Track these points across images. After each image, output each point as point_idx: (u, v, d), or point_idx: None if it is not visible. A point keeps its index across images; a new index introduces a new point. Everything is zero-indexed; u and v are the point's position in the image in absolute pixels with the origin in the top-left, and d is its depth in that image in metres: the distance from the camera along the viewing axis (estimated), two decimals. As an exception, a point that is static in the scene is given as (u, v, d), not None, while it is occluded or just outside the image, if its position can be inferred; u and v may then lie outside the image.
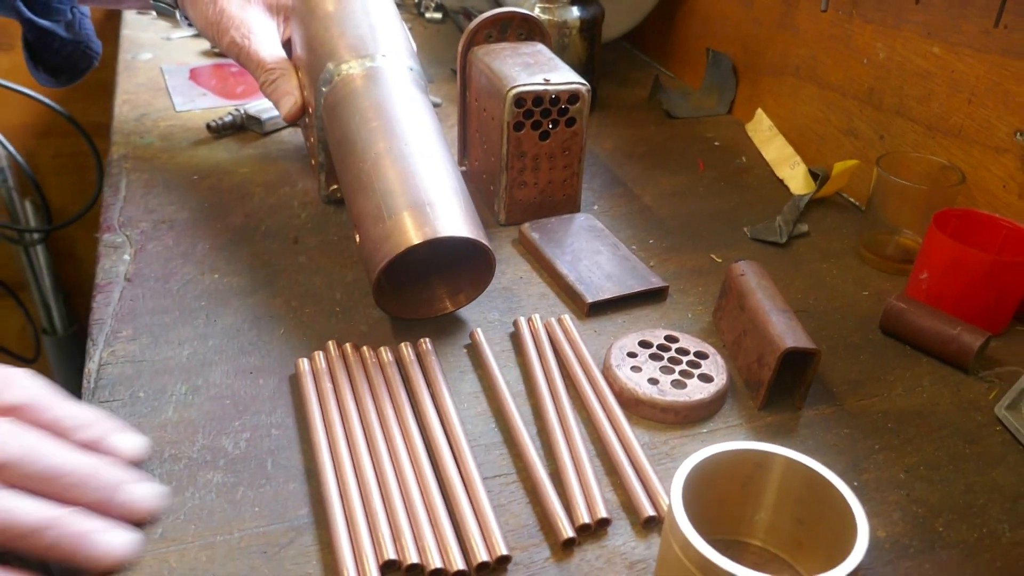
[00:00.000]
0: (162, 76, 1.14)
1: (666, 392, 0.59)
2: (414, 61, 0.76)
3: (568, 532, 0.49)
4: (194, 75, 1.14)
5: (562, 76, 0.77)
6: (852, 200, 0.89)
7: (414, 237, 0.61)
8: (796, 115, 0.97)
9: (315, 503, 0.52)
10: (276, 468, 0.55)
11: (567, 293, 0.72)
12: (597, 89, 1.10)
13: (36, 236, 1.62)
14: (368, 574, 0.46)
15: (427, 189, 0.63)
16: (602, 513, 0.50)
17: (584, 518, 0.50)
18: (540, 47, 0.83)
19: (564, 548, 0.49)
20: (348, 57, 0.73)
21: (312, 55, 0.76)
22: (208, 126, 0.97)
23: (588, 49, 1.04)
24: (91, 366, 0.63)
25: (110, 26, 1.60)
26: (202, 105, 1.05)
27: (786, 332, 0.59)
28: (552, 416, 0.57)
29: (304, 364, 0.61)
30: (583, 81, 0.77)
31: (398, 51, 0.75)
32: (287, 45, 0.87)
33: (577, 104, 0.77)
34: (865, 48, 0.85)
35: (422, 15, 1.41)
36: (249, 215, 0.82)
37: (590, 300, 0.69)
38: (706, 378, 0.61)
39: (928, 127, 0.79)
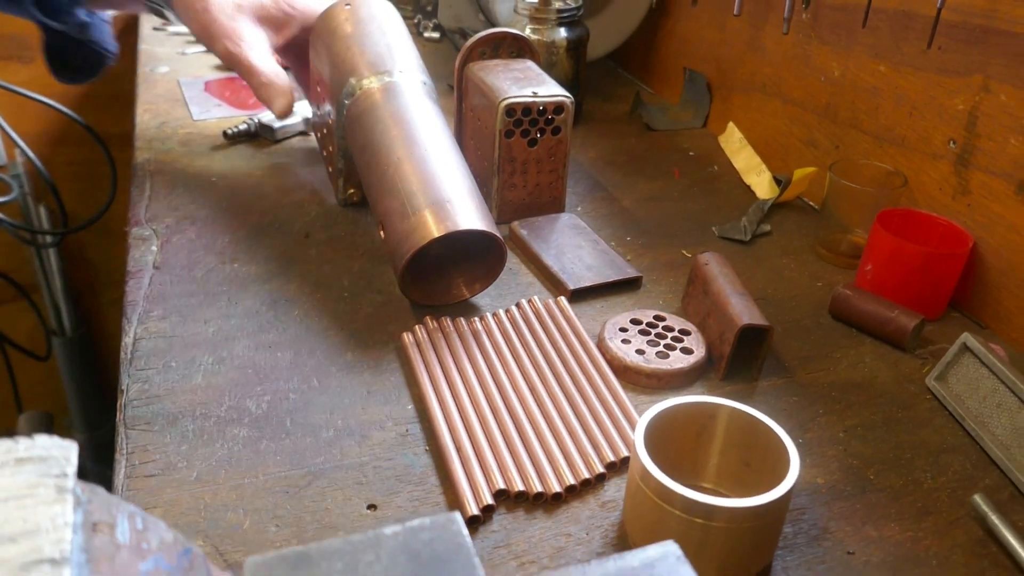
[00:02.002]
0: (179, 88, 1.23)
1: (651, 361, 0.67)
2: (426, 76, 0.85)
3: (599, 468, 0.58)
4: (209, 87, 1.23)
5: (549, 89, 0.86)
6: (811, 203, 0.98)
7: (435, 231, 0.69)
8: (763, 128, 1.06)
9: (329, 452, 0.60)
10: (294, 425, 0.62)
11: (552, 282, 0.80)
12: (582, 103, 1.19)
13: (49, 239, 1.70)
14: (484, 501, 0.55)
15: (445, 188, 0.72)
16: (622, 453, 0.59)
17: (610, 458, 0.59)
18: (529, 64, 0.92)
19: (580, 486, 0.57)
20: (368, 73, 0.81)
21: (334, 71, 0.84)
22: (224, 133, 1.06)
23: (574, 67, 1.13)
24: (127, 340, 0.71)
25: (127, 42, 1.69)
26: (217, 115, 1.14)
27: (743, 311, 0.68)
28: (564, 377, 0.65)
29: (408, 336, 0.70)
30: (568, 94, 0.86)
31: (412, 67, 0.83)
32: (283, 51, 0.95)
33: (562, 115, 0.86)
34: (822, 67, 0.94)
35: (421, 34, 1.50)
36: (264, 213, 0.90)
37: (572, 287, 0.78)
38: (687, 351, 0.69)
39: (876, 137, 0.88)
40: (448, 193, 0.72)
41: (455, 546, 0.35)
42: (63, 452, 0.31)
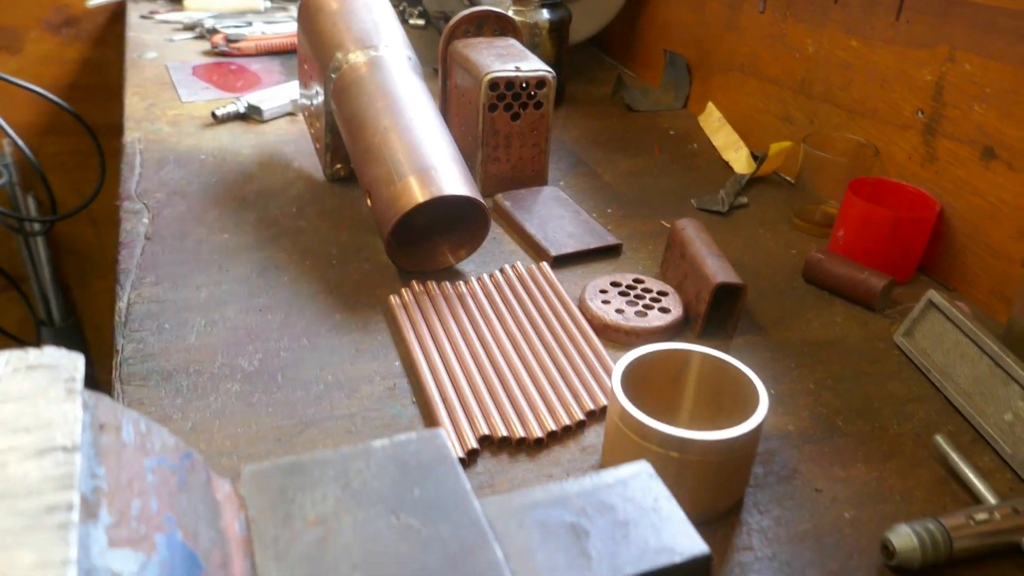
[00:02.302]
0: (167, 72, 1.24)
1: (630, 320, 0.70)
2: (411, 52, 0.87)
3: (579, 416, 0.60)
4: (197, 72, 1.25)
5: (531, 65, 0.88)
6: (787, 178, 1.01)
7: (420, 196, 0.72)
8: (741, 106, 1.09)
9: (319, 405, 0.62)
10: (285, 380, 0.65)
11: (534, 250, 0.83)
12: (565, 85, 1.22)
13: (37, 227, 1.71)
14: (468, 445, 0.57)
15: (430, 156, 0.74)
16: (601, 402, 0.61)
17: (589, 406, 0.61)
18: (512, 41, 0.94)
19: (564, 432, 0.59)
20: (354, 48, 0.84)
21: (321, 47, 0.86)
22: (213, 114, 1.08)
23: (556, 48, 1.15)
24: (121, 305, 0.72)
25: (114, 31, 1.71)
26: (206, 97, 1.15)
27: (718, 271, 0.70)
28: (545, 334, 0.68)
29: (395, 298, 0.72)
30: (549, 69, 0.88)
31: (397, 43, 0.86)
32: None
33: (544, 89, 0.89)
34: (797, 44, 0.97)
35: (406, 21, 1.52)
36: (253, 188, 0.92)
37: (554, 253, 0.80)
38: (664, 310, 0.72)
39: (849, 111, 0.91)
40: (433, 160, 0.74)
41: (439, 456, 0.37)
42: (71, 361, 0.33)
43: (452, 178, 0.73)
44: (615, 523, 0.39)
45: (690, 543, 0.38)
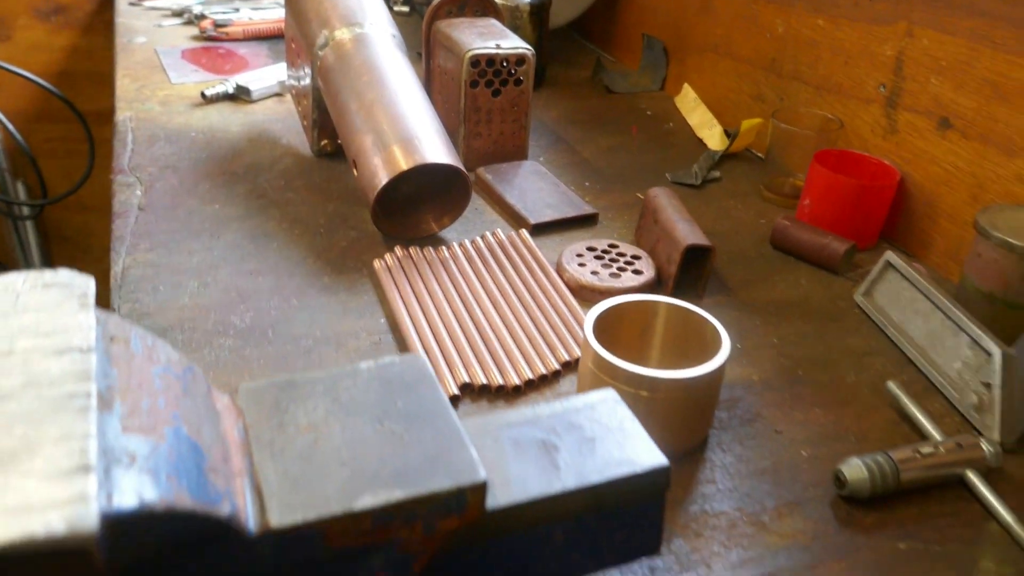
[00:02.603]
0: (157, 56, 1.27)
1: (604, 280, 0.73)
2: (395, 30, 0.90)
3: (555, 366, 0.64)
4: (186, 56, 1.27)
5: (511, 43, 0.92)
6: (758, 154, 1.05)
7: (404, 164, 0.75)
8: (715, 87, 1.13)
9: (308, 358, 0.65)
10: (276, 336, 0.68)
11: (514, 219, 0.86)
12: (545, 68, 1.25)
13: (27, 212, 1.73)
14: (450, 392, 0.61)
15: (413, 127, 0.77)
16: (575, 353, 0.65)
17: (565, 357, 0.64)
18: (493, 21, 0.98)
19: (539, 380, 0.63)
20: (340, 25, 0.87)
21: (307, 25, 0.89)
22: (203, 94, 1.10)
23: (537, 32, 1.19)
24: (116, 270, 0.75)
25: (103, 18, 1.73)
26: (195, 79, 1.18)
27: (689, 234, 0.74)
28: (523, 293, 0.71)
29: (380, 262, 0.75)
30: (529, 47, 0.91)
31: (382, 21, 0.89)
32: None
33: (523, 66, 0.92)
34: (768, 24, 1.01)
35: (391, 8, 1.55)
36: (243, 163, 0.95)
37: (533, 222, 0.84)
38: (637, 272, 0.75)
39: (816, 87, 0.95)
40: (416, 131, 0.77)
41: (420, 375, 0.41)
42: (83, 281, 0.36)
43: (435, 147, 0.77)
44: (582, 440, 0.43)
45: (650, 456, 0.42)
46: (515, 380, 0.62)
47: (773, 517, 0.54)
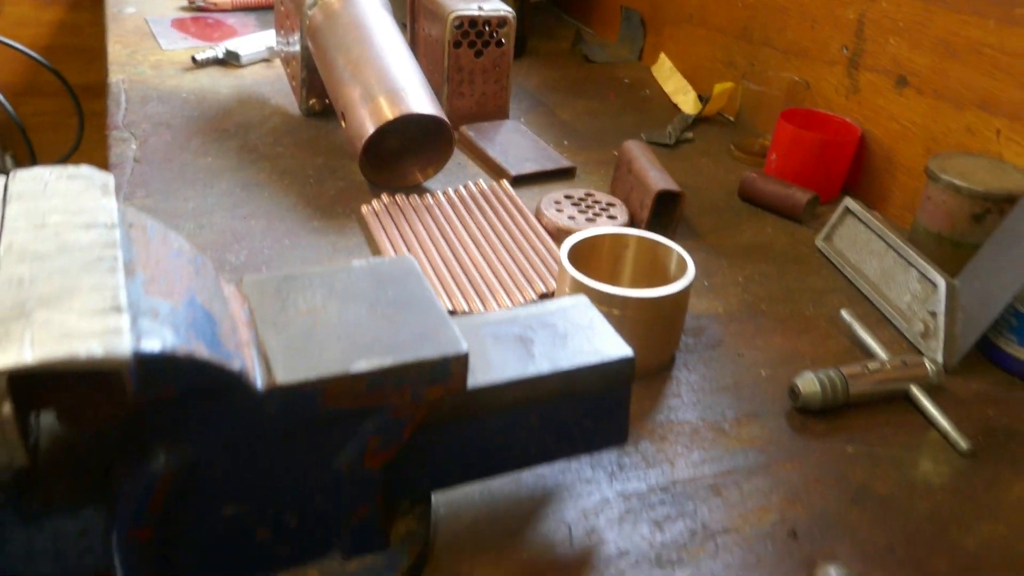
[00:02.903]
0: (147, 25, 1.30)
1: (580, 224, 0.78)
2: (379, -11, 0.94)
3: (533, 296, 0.68)
4: (175, 24, 1.30)
5: (493, 5, 0.96)
6: (729, 118, 1.09)
7: (390, 114, 0.79)
8: (690, 55, 1.17)
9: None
10: (269, 271, 0.71)
11: (496, 171, 0.90)
12: (526, 39, 1.29)
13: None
14: None
15: (399, 79, 0.81)
16: (552, 285, 0.69)
17: (542, 289, 0.68)
18: (476, -14, 1.02)
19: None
20: (326, -15, 0.91)
21: (293, -15, 0.93)
22: (193, 58, 1.14)
23: (518, 3, 1.23)
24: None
25: (91, -10, 1.75)
26: (185, 46, 1.21)
27: (659, 180, 0.79)
28: (504, 235, 0.75)
29: (367, 207, 0.79)
30: (510, 9, 0.95)
31: (365, -20, 0.92)
32: None
33: (505, 28, 0.96)
34: (739, -7, 1.06)
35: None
36: (233, 121, 0.99)
37: (514, 173, 0.88)
38: (612, 217, 0.79)
39: (784, 52, 1.00)
40: (402, 83, 0.81)
41: (409, 272, 0.45)
42: (103, 175, 0.40)
43: (420, 99, 0.81)
44: (555, 335, 0.47)
45: (617, 348, 0.46)
46: (495, 307, 0.66)
47: (733, 425, 0.58)
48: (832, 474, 0.55)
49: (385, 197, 0.81)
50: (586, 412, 0.47)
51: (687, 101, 1.11)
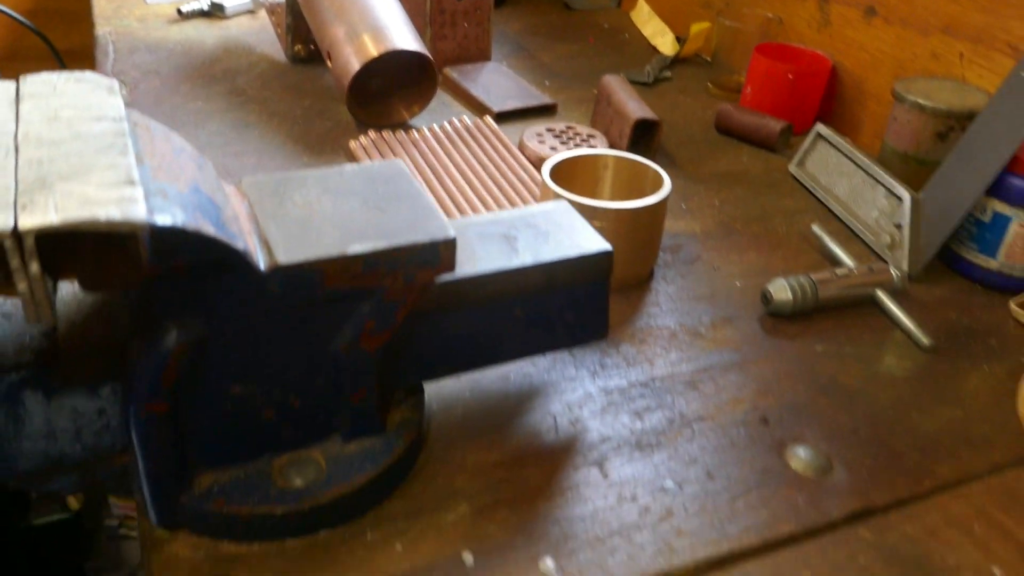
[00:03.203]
0: (130, -21, 1.31)
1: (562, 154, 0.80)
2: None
3: None
4: (158, -22, 1.31)
5: (473, -52, 0.97)
6: (706, 58, 1.12)
7: (375, 51, 0.81)
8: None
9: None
10: (262, 203, 0.74)
11: (480, 109, 0.93)
12: (508, -12, 1.31)
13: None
14: None
15: (383, 19, 0.83)
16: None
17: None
18: (456, -69, 1.03)
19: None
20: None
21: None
22: (178, 10, 1.15)
23: (499, -50, 1.24)
24: (109, 154, 0.81)
25: (71, -50, 1.75)
26: (169, 0, 1.23)
27: (637, 110, 0.81)
28: (488, 165, 0.78)
29: (355, 143, 0.81)
30: (490, -49, 0.97)
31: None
32: None
33: (485, -29, 0.98)
34: (714, -66, 1.08)
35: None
36: (221, 68, 1.01)
37: (496, 110, 0.90)
38: (592, 147, 0.82)
39: (758, -11, 1.02)
40: (386, 22, 0.83)
41: (398, 173, 0.48)
42: (109, 80, 0.43)
43: (403, 36, 0.83)
44: (538, 233, 0.50)
45: (597, 243, 0.49)
46: (481, 229, 0.69)
47: (708, 329, 0.62)
48: (802, 369, 0.58)
49: (372, 133, 0.83)
50: (568, 305, 0.50)
51: (665, 43, 1.13)
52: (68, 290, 0.43)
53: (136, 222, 0.32)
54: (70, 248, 0.33)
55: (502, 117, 0.91)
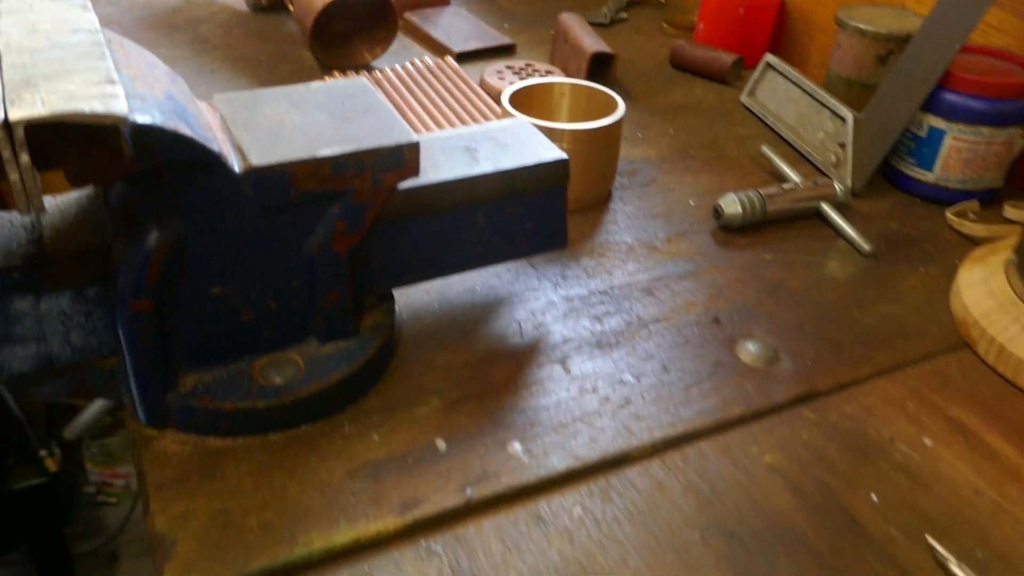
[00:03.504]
0: (85, -65, 1.30)
1: (517, 89, 0.83)
2: None
3: None
4: (114, -66, 1.31)
5: None
6: (662, 0, 1.14)
7: None
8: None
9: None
10: (230, 141, 0.76)
11: (440, 51, 0.95)
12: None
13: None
14: None
15: None
16: None
17: None
18: None
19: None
20: None
21: None
22: (136, -37, 1.15)
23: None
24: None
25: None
26: (126, -48, 1.22)
27: (593, 44, 0.84)
28: (450, 100, 0.80)
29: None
30: None
31: None
32: None
33: (442, -85, 0.99)
34: None
35: None
36: (183, 17, 1.01)
37: (457, 51, 0.92)
38: (543, 86, 0.85)
39: (710, -71, 1.04)
40: (345, -36, 0.85)
41: (363, 88, 0.50)
42: (80, -2, 0.44)
43: (363, -23, 0.85)
44: (497, 144, 0.53)
45: (553, 153, 0.52)
46: (445, 159, 0.72)
47: (664, 243, 0.65)
48: (751, 276, 0.62)
49: (337, 74, 0.85)
50: (528, 213, 0.53)
51: (621, -14, 1.16)
52: (51, 203, 0.45)
53: (118, 115, 0.34)
54: (56, 144, 0.35)
55: (462, 58, 0.93)
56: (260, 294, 0.46)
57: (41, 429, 1.39)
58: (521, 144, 0.53)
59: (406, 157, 0.45)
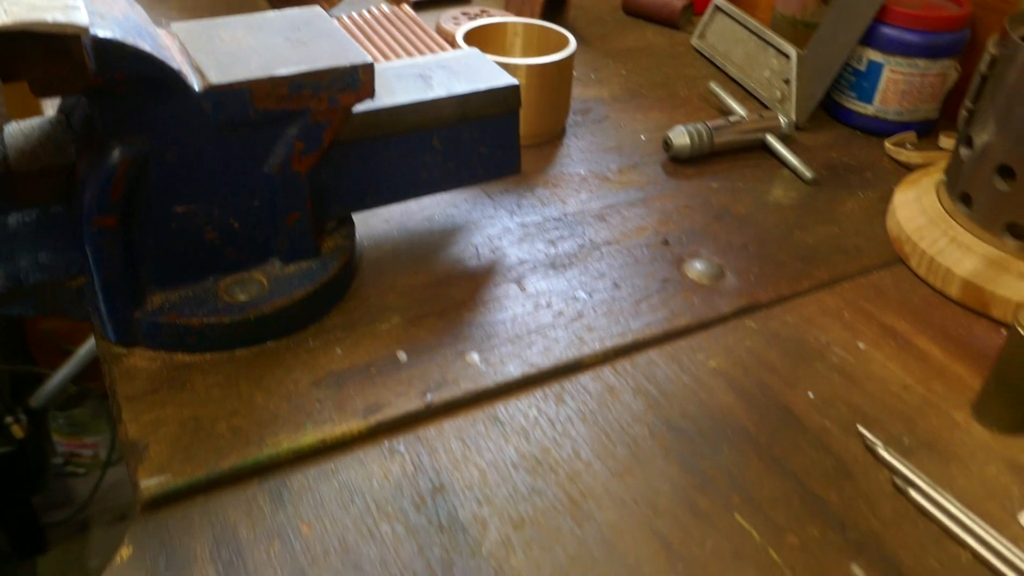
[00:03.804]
0: None
1: (469, 37, 0.84)
2: None
3: None
4: None
5: None
6: (616, -51, 1.16)
7: None
8: None
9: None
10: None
11: (395, 1, 0.95)
12: None
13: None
14: None
15: None
16: None
17: None
18: None
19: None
20: None
21: None
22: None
23: None
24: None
25: None
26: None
27: (546, -11, 0.85)
28: (407, 46, 0.82)
29: None
30: None
31: None
32: None
33: None
34: None
35: None
36: (137, -33, 1.01)
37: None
38: (497, 32, 0.86)
39: None
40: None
41: (317, 15, 0.51)
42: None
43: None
44: (451, 72, 0.54)
45: (504, 79, 0.54)
46: (402, 98, 0.73)
47: (616, 174, 0.67)
48: (699, 202, 0.65)
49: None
50: (482, 138, 0.55)
51: (575, -63, 1.17)
52: (16, 127, 0.46)
53: (79, 24, 0.36)
54: (20, 55, 0.36)
55: (419, 6, 0.94)
56: (223, 213, 0.48)
57: (7, 396, 1.39)
58: (473, 72, 0.55)
59: (361, 78, 0.47)
